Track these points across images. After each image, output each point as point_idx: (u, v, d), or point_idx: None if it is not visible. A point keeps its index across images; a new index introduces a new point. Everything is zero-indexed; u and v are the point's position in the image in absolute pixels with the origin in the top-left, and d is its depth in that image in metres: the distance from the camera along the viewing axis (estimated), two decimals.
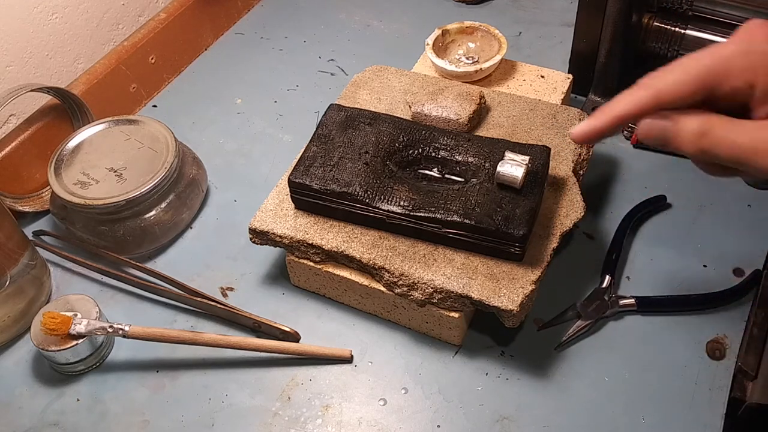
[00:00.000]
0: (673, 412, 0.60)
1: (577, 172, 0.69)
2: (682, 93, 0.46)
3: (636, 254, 0.70)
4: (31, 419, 0.63)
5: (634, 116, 0.48)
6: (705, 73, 0.45)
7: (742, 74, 0.45)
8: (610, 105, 0.49)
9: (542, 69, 0.80)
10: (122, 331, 0.63)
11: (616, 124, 0.49)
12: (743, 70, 0.45)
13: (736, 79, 0.45)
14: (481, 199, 0.61)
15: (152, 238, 0.73)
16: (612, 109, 0.48)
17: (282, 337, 0.66)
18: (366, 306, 0.67)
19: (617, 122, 0.49)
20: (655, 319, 0.66)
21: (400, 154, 0.66)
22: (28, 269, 0.68)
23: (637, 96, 0.48)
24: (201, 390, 0.64)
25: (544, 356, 0.64)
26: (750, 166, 0.45)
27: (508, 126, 0.72)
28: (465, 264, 0.61)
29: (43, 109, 0.80)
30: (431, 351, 0.65)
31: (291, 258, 0.67)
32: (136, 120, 0.78)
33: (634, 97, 0.48)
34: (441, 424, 0.61)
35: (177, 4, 0.93)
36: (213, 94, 0.92)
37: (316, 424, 0.61)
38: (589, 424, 0.60)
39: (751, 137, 0.45)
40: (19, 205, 0.77)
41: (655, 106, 0.48)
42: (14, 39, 0.76)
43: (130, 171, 0.72)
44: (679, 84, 0.46)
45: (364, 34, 0.99)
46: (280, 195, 0.68)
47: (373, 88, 0.77)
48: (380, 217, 0.63)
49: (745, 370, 0.58)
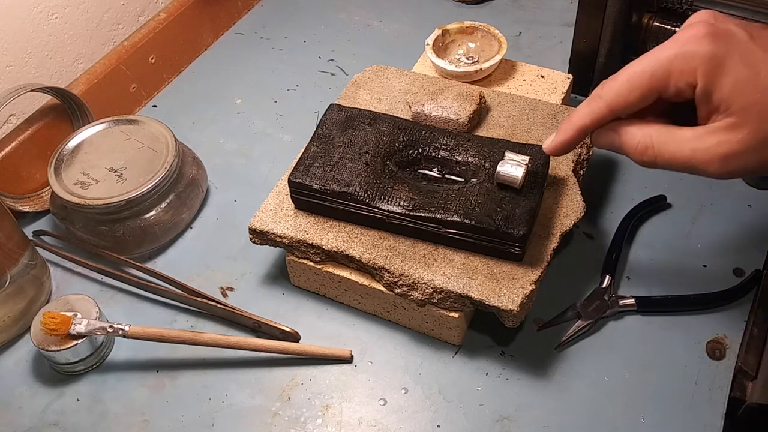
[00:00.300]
0: (673, 412, 0.60)
1: (577, 172, 0.69)
2: (631, 100, 0.48)
3: (636, 254, 0.70)
4: (31, 419, 0.63)
5: (593, 126, 0.51)
6: (649, 79, 0.47)
7: (682, 76, 0.45)
8: (571, 118, 0.51)
9: (542, 69, 0.80)
10: (122, 331, 0.63)
11: (580, 135, 0.51)
12: (683, 72, 0.45)
13: (678, 81, 0.46)
14: (481, 199, 0.61)
15: (152, 238, 0.73)
16: (573, 122, 0.51)
17: (282, 337, 0.66)
18: (366, 306, 0.67)
19: (580, 133, 0.51)
20: (655, 319, 0.66)
21: (400, 154, 0.66)
22: (28, 269, 0.68)
23: (592, 108, 0.50)
24: (201, 390, 0.64)
25: (544, 356, 0.64)
26: (694, 173, 0.47)
27: (508, 126, 0.72)
28: (465, 264, 0.61)
29: (43, 109, 0.80)
30: (431, 351, 0.65)
31: (291, 258, 0.67)
32: (136, 120, 0.78)
33: (590, 109, 0.50)
34: (441, 424, 0.61)
35: (177, 4, 0.93)
36: (213, 94, 0.92)
37: (316, 424, 0.61)
38: (589, 424, 0.60)
39: (689, 147, 0.46)
40: (19, 205, 0.77)
41: (609, 116, 0.50)
42: (14, 39, 0.76)
43: (130, 171, 0.72)
44: (627, 92, 0.48)
45: (364, 34, 0.99)
46: (280, 195, 0.68)
47: (373, 88, 0.77)
48: (380, 217, 0.63)
49: (745, 370, 0.58)
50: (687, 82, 0.45)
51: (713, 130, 0.45)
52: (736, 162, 0.45)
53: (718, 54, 0.44)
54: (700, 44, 0.44)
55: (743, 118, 0.44)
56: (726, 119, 0.44)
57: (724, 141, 0.45)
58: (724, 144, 0.45)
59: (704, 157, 0.45)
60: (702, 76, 0.44)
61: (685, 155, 0.46)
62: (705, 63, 0.44)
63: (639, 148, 0.48)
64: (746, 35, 0.44)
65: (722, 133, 0.45)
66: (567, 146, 0.53)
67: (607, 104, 0.49)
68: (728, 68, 0.44)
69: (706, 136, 0.45)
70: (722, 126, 0.45)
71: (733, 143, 0.44)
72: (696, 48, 0.45)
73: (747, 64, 0.43)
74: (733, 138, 0.44)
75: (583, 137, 0.52)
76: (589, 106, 0.50)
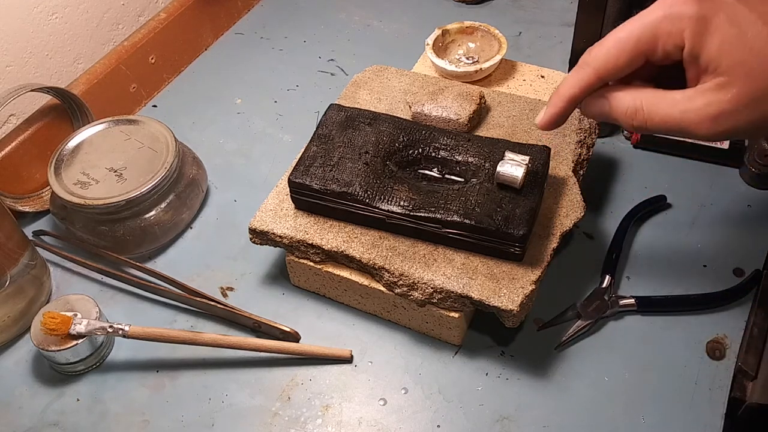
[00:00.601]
0: (673, 412, 0.60)
1: (577, 172, 0.69)
2: (619, 65, 0.47)
3: (636, 254, 0.70)
4: (31, 419, 0.63)
5: (582, 95, 0.50)
6: (635, 42, 0.46)
7: (670, 38, 0.45)
8: (560, 89, 0.50)
9: (542, 69, 0.80)
10: (122, 331, 0.63)
11: (571, 106, 0.51)
12: (670, 35, 0.45)
13: (665, 43, 0.45)
14: (481, 199, 0.61)
15: (152, 238, 0.73)
16: (562, 93, 0.50)
17: (282, 337, 0.66)
18: (366, 306, 0.67)
19: (570, 104, 0.50)
20: (655, 319, 0.66)
21: (400, 154, 0.66)
22: (28, 269, 0.68)
23: (580, 76, 0.49)
24: (201, 390, 0.64)
25: (544, 356, 0.64)
26: (683, 135, 0.46)
27: (508, 126, 0.72)
28: (465, 264, 0.61)
29: (43, 109, 0.80)
30: (431, 351, 0.65)
31: (291, 258, 0.67)
32: (136, 120, 0.78)
33: (578, 78, 0.49)
34: (441, 424, 0.61)
35: (177, 4, 0.93)
36: (213, 94, 0.92)
37: (316, 424, 0.61)
38: (589, 424, 0.60)
39: (679, 109, 0.46)
40: (19, 205, 0.77)
41: (598, 83, 0.49)
42: (14, 39, 0.76)
43: (130, 171, 0.72)
44: (614, 57, 0.47)
45: (364, 34, 0.99)
46: (280, 195, 0.68)
47: (373, 88, 0.77)
48: (380, 217, 0.63)
49: (745, 370, 0.58)
50: (674, 44, 0.45)
51: (702, 90, 0.45)
52: (726, 122, 0.44)
53: (704, 14, 0.44)
54: (686, 5, 0.44)
55: (732, 78, 0.43)
56: (715, 79, 0.44)
57: (714, 101, 0.44)
58: (713, 104, 0.44)
59: (694, 118, 0.45)
60: (689, 37, 0.44)
61: (675, 117, 0.46)
62: (692, 24, 0.44)
63: (629, 112, 0.48)
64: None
65: (711, 94, 0.44)
66: (558, 118, 0.52)
67: (594, 70, 0.48)
68: (715, 28, 0.44)
69: (695, 97, 0.45)
70: (711, 86, 0.44)
71: (722, 103, 0.44)
72: (682, 9, 0.44)
73: (734, 24, 0.43)
74: (723, 98, 0.44)
75: (573, 107, 0.51)
76: (576, 75, 0.49)
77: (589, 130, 0.71)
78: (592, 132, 0.72)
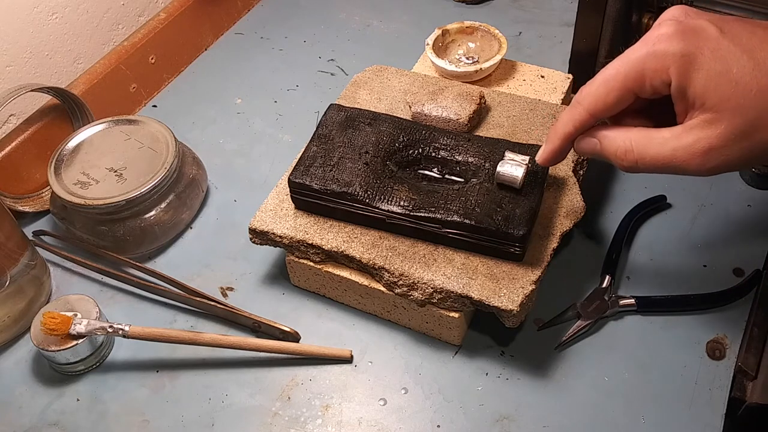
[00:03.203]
0: (673, 412, 0.60)
1: (577, 172, 0.69)
2: (609, 103, 0.48)
3: (636, 254, 0.70)
4: (31, 419, 0.63)
5: (577, 133, 0.52)
6: (623, 80, 0.47)
7: (656, 75, 0.46)
8: (556, 127, 0.52)
9: (542, 69, 0.80)
10: (122, 331, 0.63)
11: (567, 143, 0.52)
12: (656, 72, 0.46)
13: (652, 80, 0.46)
14: (481, 199, 0.61)
15: (152, 238, 0.73)
16: (558, 131, 0.52)
17: (282, 337, 0.66)
18: (366, 306, 0.67)
19: (566, 141, 0.52)
20: (655, 319, 0.66)
21: (400, 154, 0.66)
22: (28, 269, 0.68)
23: (572, 114, 0.51)
24: (201, 390, 0.64)
25: (544, 356, 0.64)
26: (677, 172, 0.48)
27: (508, 126, 0.72)
28: (465, 264, 0.61)
29: (43, 109, 0.80)
30: (431, 351, 0.65)
31: (291, 258, 0.67)
32: (136, 120, 0.78)
33: (571, 116, 0.51)
34: (441, 424, 0.61)
35: (177, 4, 0.93)
36: (213, 94, 0.92)
37: (316, 424, 0.61)
38: (589, 424, 0.60)
39: (669, 148, 0.47)
40: (19, 205, 0.77)
41: (590, 120, 0.51)
42: (14, 39, 0.76)
43: (130, 171, 0.72)
44: (603, 96, 0.48)
45: (364, 34, 0.99)
46: (280, 195, 0.68)
47: (373, 88, 0.77)
48: (380, 217, 0.63)
49: (745, 370, 0.58)
50: (661, 81, 0.46)
51: (690, 127, 0.45)
52: (716, 158, 0.45)
53: (688, 51, 0.44)
54: (670, 42, 0.45)
55: (719, 114, 0.44)
56: (702, 115, 0.45)
57: (703, 137, 0.45)
58: (702, 140, 0.45)
59: (684, 155, 0.46)
60: (675, 74, 0.45)
61: (665, 155, 0.46)
62: (676, 61, 0.44)
63: (619, 153, 0.49)
64: (716, 30, 0.44)
65: (699, 130, 0.45)
66: (557, 155, 0.54)
67: (586, 109, 0.49)
68: (700, 64, 0.44)
69: (684, 134, 0.46)
70: (699, 122, 0.45)
71: (711, 139, 0.44)
72: (666, 47, 0.45)
73: (718, 59, 0.44)
74: (711, 134, 0.44)
75: (569, 144, 0.52)
76: (570, 113, 0.51)
77: None
78: None
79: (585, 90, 0.49)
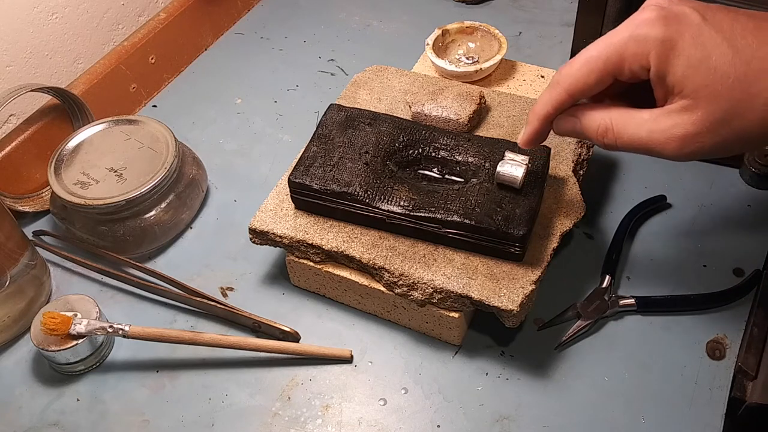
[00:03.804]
0: (673, 412, 0.60)
1: (577, 172, 0.69)
2: (589, 84, 0.48)
3: (636, 254, 0.70)
4: (31, 419, 0.63)
5: (555, 113, 0.51)
6: (603, 63, 0.47)
7: (636, 60, 0.46)
8: (535, 108, 0.52)
9: (542, 69, 0.80)
10: (122, 331, 0.63)
11: (546, 124, 0.52)
12: (636, 56, 0.45)
13: (632, 64, 0.46)
14: (481, 199, 0.61)
15: (152, 238, 0.73)
16: (537, 112, 0.52)
17: (282, 337, 0.66)
18: (366, 306, 0.67)
19: (545, 122, 0.52)
20: (655, 319, 0.66)
21: (400, 154, 0.66)
22: (28, 269, 0.68)
23: (551, 94, 0.50)
24: (201, 390, 0.64)
25: (544, 356, 0.64)
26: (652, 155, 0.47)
27: (508, 126, 0.72)
28: (465, 264, 0.61)
29: (43, 109, 0.80)
30: (431, 351, 0.65)
31: (291, 258, 0.67)
32: (136, 120, 0.78)
33: (550, 97, 0.50)
34: (441, 424, 0.61)
35: (177, 4, 0.93)
36: (213, 94, 0.92)
37: (316, 424, 0.61)
38: (589, 424, 0.60)
39: (646, 129, 0.46)
40: (19, 205, 0.77)
41: (569, 101, 0.50)
42: (14, 39, 0.76)
43: (130, 171, 0.72)
44: (584, 77, 0.48)
45: (364, 34, 0.99)
46: (280, 195, 0.68)
47: (373, 88, 0.77)
48: (380, 217, 0.63)
49: (745, 370, 0.58)
50: (641, 65, 0.46)
51: (668, 111, 0.45)
52: (692, 144, 0.45)
53: (669, 37, 0.44)
54: (652, 27, 0.45)
55: (696, 100, 0.44)
56: (680, 101, 0.45)
57: (679, 123, 0.45)
58: (679, 126, 0.45)
59: (660, 138, 0.46)
60: (654, 59, 0.45)
61: (642, 137, 0.46)
62: (657, 46, 0.44)
63: (599, 131, 0.49)
64: (699, 17, 0.44)
65: (677, 115, 0.45)
66: (537, 136, 0.53)
67: (565, 89, 0.49)
68: (680, 50, 0.44)
69: (661, 118, 0.46)
70: (676, 108, 0.45)
71: (687, 125, 0.44)
72: (648, 31, 0.45)
73: (698, 46, 0.43)
74: (688, 120, 0.44)
75: (548, 125, 0.52)
76: (549, 94, 0.50)
77: None
78: None
79: (564, 70, 0.49)
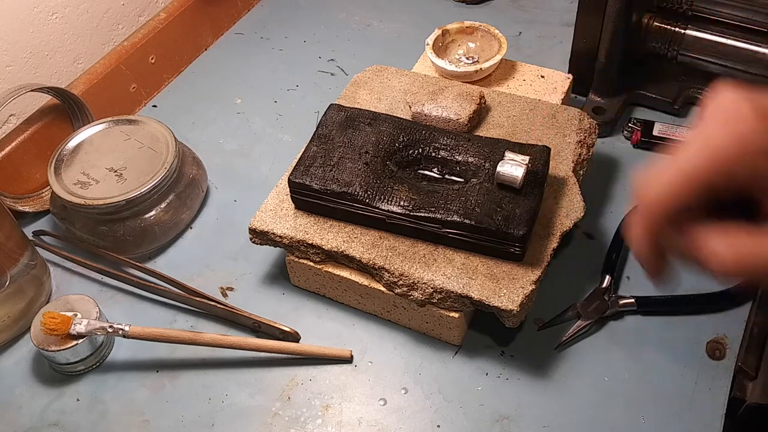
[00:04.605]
0: (673, 412, 0.60)
1: (577, 172, 0.69)
2: (681, 202, 0.39)
3: None
4: (31, 419, 0.63)
5: (654, 240, 0.42)
6: (704, 174, 0.37)
7: (743, 167, 0.37)
8: (632, 245, 0.43)
9: (542, 69, 0.80)
10: (122, 331, 0.63)
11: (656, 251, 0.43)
12: (743, 164, 0.36)
13: (737, 173, 0.37)
14: (481, 199, 0.61)
15: (152, 238, 0.73)
16: (634, 245, 0.42)
17: (282, 337, 0.66)
18: (366, 306, 0.67)
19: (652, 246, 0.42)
20: (655, 319, 0.66)
21: (400, 154, 0.66)
22: (28, 269, 0.68)
23: (643, 222, 0.42)
24: (201, 390, 0.64)
25: (544, 356, 0.64)
26: None
27: (508, 126, 0.72)
28: (465, 264, 0.61)
29: (43, 109, 0.80)
30: (431, 351, 0.65)
31: (291, 258, 0.67)
32: (136, 120, 0.78)
33: (642, 228, 0.42)
34: (441, 424, 0.61)
35: (177, 4, 0.93)
36: (213, 94, 0.92)
37: (316, 424, 0.61)
38: (589, 424, 0.60)
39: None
40: (19, 205, 0.77)
41: (663, 225, 0.41)
42: (14, 39, 0.76)
43: (130, 171, 0.72)
44: (677, 195, 0.39)
45: (364, 34, 0.99)
46: (280, 195, 0.68)
47: (373, 88, 0.77)
48: (380, 217, 0.63)
49: (745, 370, 0.58)
50: (748, 175, 0.36)
51: None
52: None
53: None
54: (752, 125, 0.36)
55: None
56: None
57: None
58: None
59: None
60: (765, 168, 0.36)
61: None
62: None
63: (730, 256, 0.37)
64: None
65: None
66: (658, 269, 0.44)
67: (656, 215, 0.40)
68: None
69: None
70: None
71: None
72: (749, 130, 0.36)
73: None
74: None
75: (657, 244, 0.42)
76: (638, 223, 0.41)
77: (589, 129, 0.71)
78: (592, 132, 0.72)
79: (651, 186, 0.40)
